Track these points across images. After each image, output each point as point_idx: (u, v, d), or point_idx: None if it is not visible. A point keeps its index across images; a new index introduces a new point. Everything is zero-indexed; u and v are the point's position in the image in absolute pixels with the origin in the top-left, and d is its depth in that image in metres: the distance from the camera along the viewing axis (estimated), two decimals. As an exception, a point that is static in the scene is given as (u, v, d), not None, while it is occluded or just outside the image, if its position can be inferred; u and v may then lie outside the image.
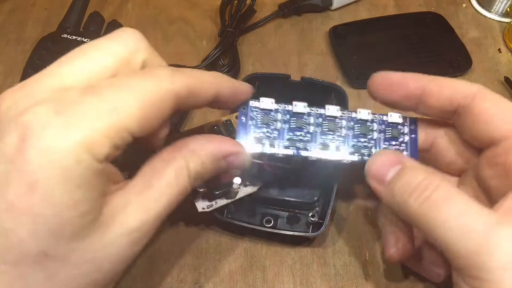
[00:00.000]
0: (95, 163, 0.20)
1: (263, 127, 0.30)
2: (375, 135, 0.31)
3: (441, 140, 0.30)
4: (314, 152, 0.30)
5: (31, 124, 0.19)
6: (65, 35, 0.41)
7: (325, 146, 0.30)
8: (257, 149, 0.29)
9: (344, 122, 0.31)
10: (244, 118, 0.30)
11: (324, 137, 0.30)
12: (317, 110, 0.31)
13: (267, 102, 0.30)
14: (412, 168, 0.27)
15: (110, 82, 0.22)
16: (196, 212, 0.32)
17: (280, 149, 0.29)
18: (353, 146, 0.30)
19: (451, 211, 0.23)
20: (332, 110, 0.31)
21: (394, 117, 0.31)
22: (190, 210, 0.31)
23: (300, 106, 0.30)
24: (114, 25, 0.43)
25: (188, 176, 0.24)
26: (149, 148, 0.26)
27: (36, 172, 0.18)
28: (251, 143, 0.29)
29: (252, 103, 0.30)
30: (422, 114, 0.30)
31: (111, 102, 0.20)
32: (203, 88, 0.25)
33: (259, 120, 0.30)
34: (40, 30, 0.48)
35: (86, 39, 0.40)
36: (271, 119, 0.30)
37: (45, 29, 0.48)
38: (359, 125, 0.31)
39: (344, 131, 0.30)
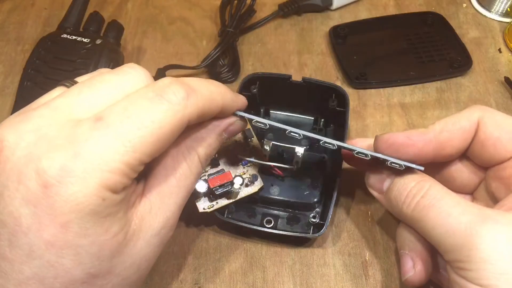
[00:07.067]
0: (116, 196, 0.21)
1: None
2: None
3: (452, 167, 0.31)
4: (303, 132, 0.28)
5: (51, 172, 0.20)
6: (65, 35, 0.41)
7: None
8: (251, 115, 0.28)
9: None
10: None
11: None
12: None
13: (261, 123, 0.28)
14: (403, 176, 0.28)
15: (121, 112, 0.21)
16: (197, 212, 0.32)
17: (272, 121, 0.28)
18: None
19: (439, 214, 0.25)
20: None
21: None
22: (191, 210, 0.31)
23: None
24: (114, 25, 0.43)
25: (200, 161, 0.26)
26: None
27: (65, 215, 0.20)
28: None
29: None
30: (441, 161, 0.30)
31: (125, 138, 0.21)
32: (211, 109, 0.25)
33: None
34: (40, 30, 0.48)
35: (86, 39, 0.40)
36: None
37: (45, 29, 0.48)
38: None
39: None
